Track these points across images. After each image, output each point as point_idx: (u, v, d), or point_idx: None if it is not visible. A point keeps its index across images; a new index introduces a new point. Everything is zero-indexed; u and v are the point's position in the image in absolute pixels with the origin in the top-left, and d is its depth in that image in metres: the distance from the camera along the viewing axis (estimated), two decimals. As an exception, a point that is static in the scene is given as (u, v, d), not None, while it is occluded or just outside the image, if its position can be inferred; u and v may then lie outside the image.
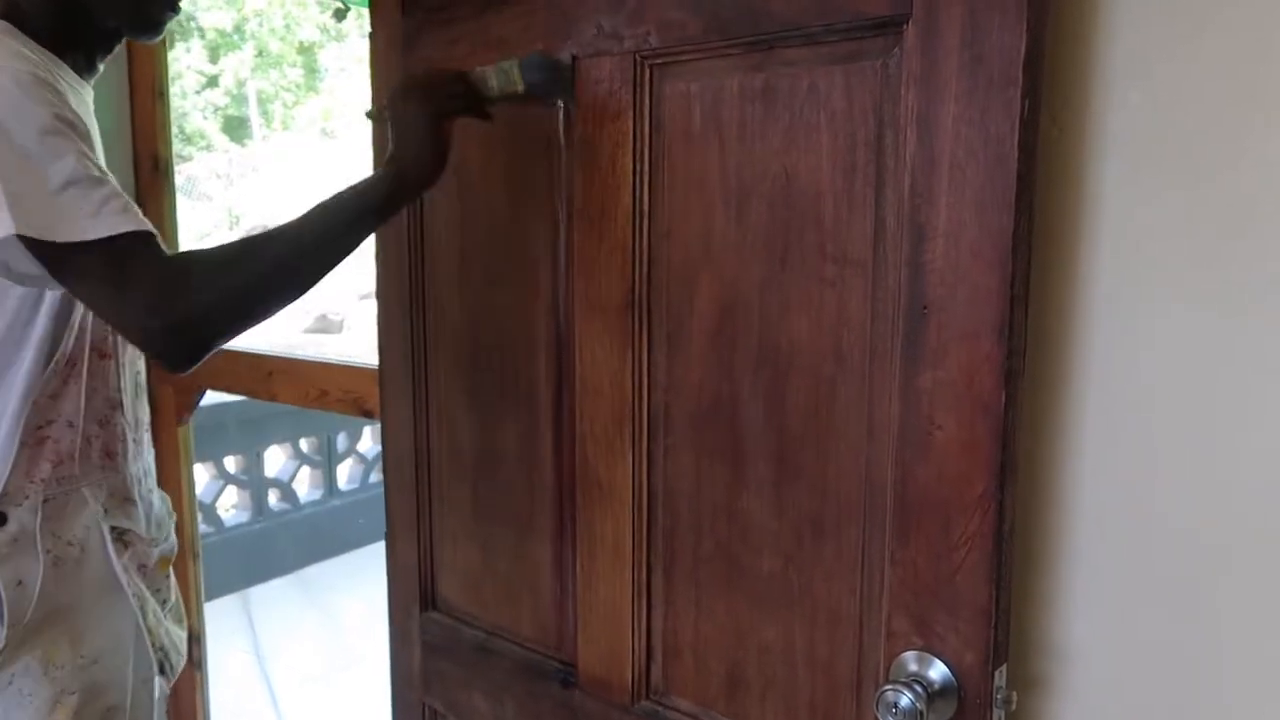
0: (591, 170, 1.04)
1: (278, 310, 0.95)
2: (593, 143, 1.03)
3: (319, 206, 0.97)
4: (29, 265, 0.92)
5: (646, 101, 0.99)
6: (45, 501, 1.08)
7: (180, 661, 1.27)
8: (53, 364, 1.09)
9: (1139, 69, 0.79)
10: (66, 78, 1.07)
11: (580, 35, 1.03)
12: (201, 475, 4.35)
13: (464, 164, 1.19)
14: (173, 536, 1.29)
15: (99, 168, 0.94)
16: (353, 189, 0.99)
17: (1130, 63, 0.80)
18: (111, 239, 0.90)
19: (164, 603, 1.25)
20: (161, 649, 1.21)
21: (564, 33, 1.04)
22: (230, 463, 4.53)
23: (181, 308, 0.90)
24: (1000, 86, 0.75)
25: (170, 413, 1.92)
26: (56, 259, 0.91)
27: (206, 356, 0.93)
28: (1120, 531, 0.84)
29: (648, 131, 1.00)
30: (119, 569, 1.15)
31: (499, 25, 1.10)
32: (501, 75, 1.03)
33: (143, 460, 1.24)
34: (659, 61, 0.98)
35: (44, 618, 1.09)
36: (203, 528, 4.03)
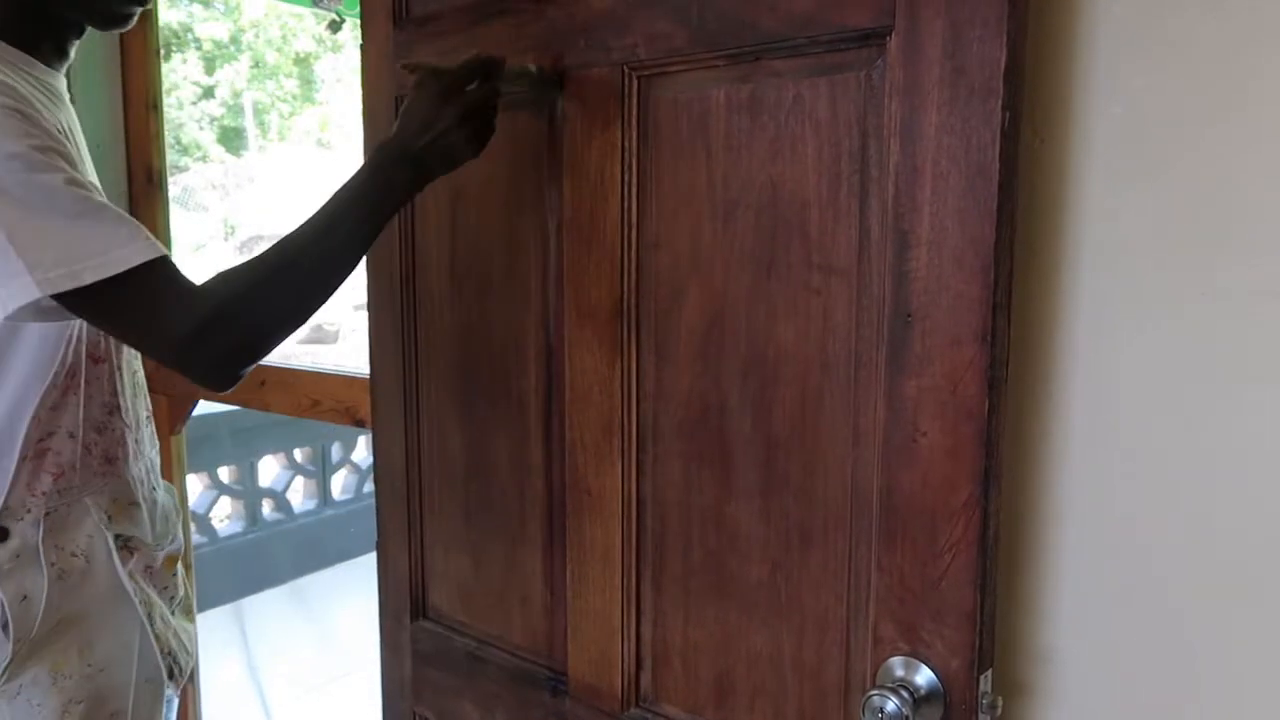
0: (580, 180, 1.05)
1: (316, 310, 0.95)
2: (581, 153, 1.04)
3: (329, 204, 0.97)
4: (51, 308, 0.90)
5: (634, 112, 1.00)
6: (47, 514, 1.07)
7: (189, 661, 1.25)
8: (52, 376, 1.07)
9: (1121, 82, 0.80)
10: (37, 74, 1.04)
11: (569, 47, 1.04)
12: (195, 486, 4.34)
13: (455, 174, 1.20)
14: (179, 536, 1.28)
15: (89, 188, 0.91)
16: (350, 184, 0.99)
17: (1112, 76, 0.81)
18: (133, 270, 0.88)
19: (172, 599, 1.24)
20: (170, 654, 1.20)
21: (553, 44, 1.05)
22: (224, 473, 4.52)
23: (220, 339, 0.90)
24: (981, 97, 0.76)
25: (164, 423, 1.92)
26: (77, 301, 0.89)
27: (251, 369, 0.93)
28: (1104, 537, 0.85)
29: (636, 142, 1.00)
30: (124, 576, 1.14)
31: (488, 37, 1.11)
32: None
33: (144, 459, 1.22)
34: (647, 73, 0.99)
35: (53, 629, 1.08)
36: (196, 538, 4.02)
